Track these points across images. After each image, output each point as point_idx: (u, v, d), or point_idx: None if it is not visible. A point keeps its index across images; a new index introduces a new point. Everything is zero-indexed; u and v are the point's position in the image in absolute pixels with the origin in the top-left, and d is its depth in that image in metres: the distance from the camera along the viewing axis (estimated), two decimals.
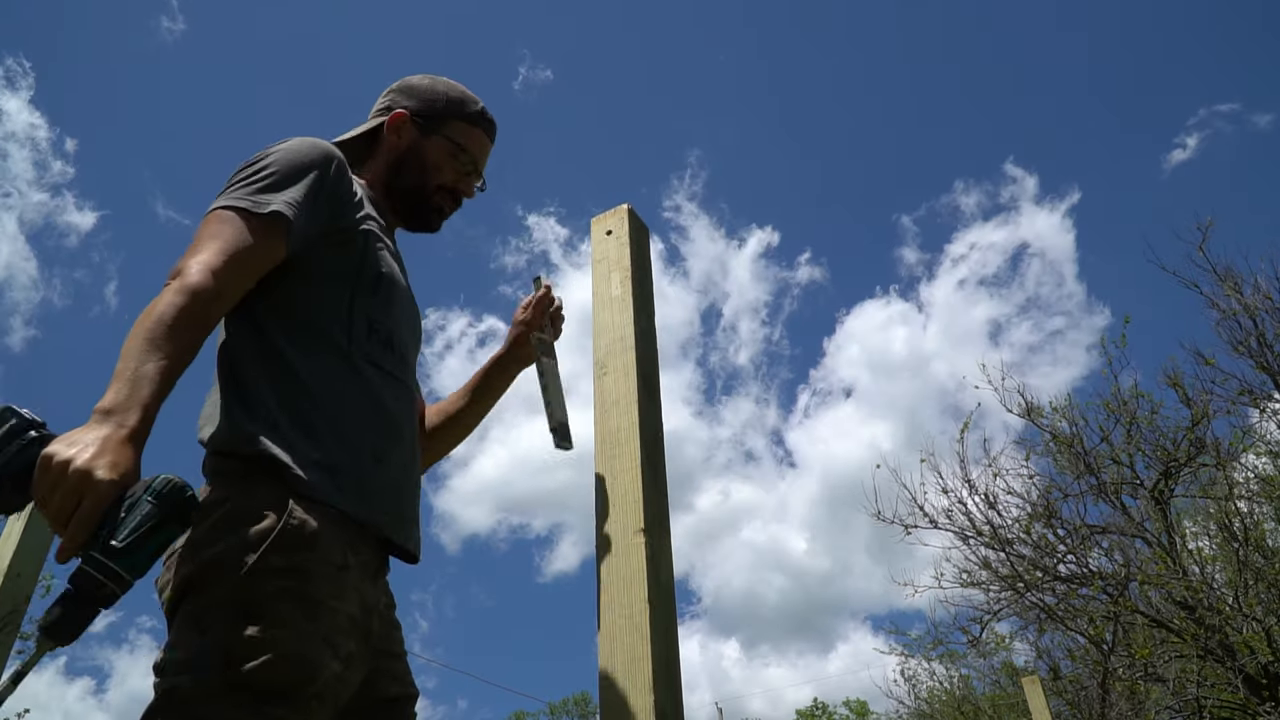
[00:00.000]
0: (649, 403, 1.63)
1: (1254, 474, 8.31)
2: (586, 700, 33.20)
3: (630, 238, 1.80)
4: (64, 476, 0.99)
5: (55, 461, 1.00)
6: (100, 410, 1.05)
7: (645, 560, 1.41)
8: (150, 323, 1.13)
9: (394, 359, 1.40)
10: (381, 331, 1.39)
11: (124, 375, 1.08)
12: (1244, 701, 7.23)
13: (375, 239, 1.43)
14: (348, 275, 1.37)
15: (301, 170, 1.36)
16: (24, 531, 2.52)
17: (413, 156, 1.60)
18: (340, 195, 1.41)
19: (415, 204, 1.60)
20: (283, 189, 1.32)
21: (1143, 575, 7.60)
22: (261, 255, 1.27)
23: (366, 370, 1.33)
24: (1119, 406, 8.44)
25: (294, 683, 1.08)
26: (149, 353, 1.10)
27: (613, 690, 1.33)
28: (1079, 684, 9.24)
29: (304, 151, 1.39)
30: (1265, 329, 7.95)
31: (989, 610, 8.96)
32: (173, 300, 1.15)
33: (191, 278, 1.18)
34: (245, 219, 1.27)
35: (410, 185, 1.59)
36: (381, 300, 1.40)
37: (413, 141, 1.61)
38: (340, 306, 1.35)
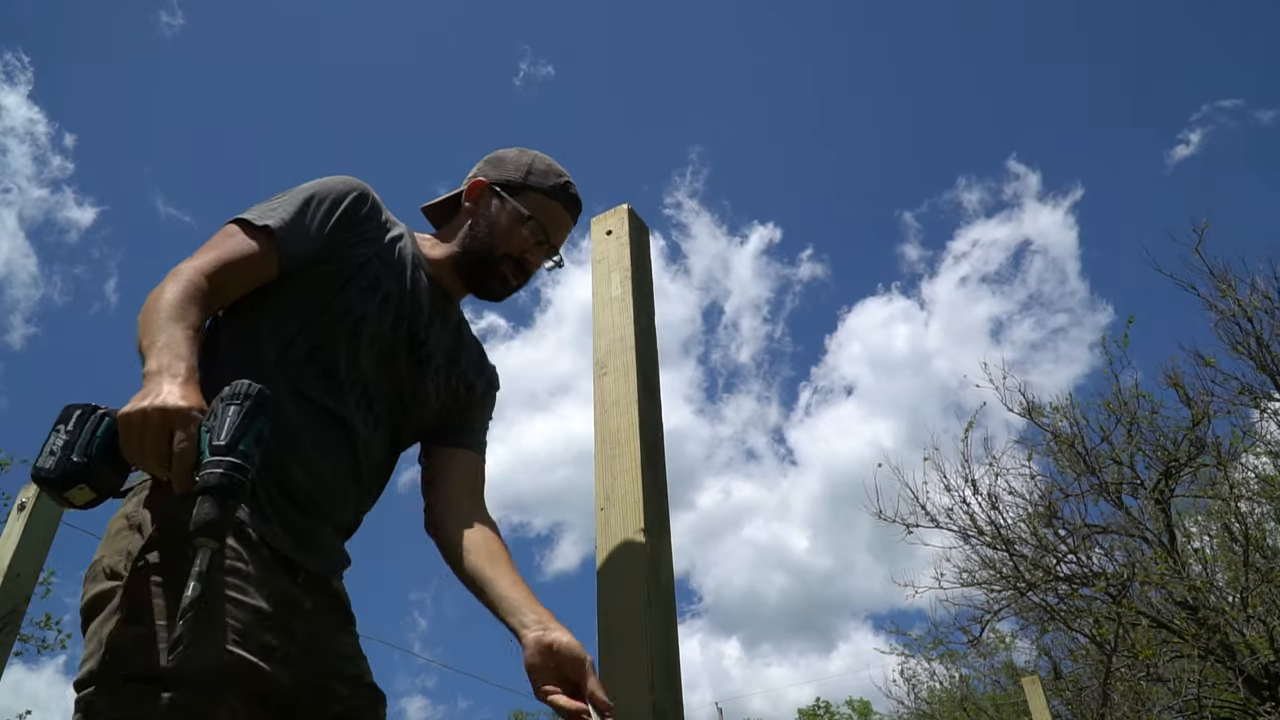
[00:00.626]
0: (649, 403, 1.63)
1: (1254, 474, 8.31)
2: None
3: (630, 238, 1.80)
4: (147, 421, 1.07)
5: (133, 415, 1.07)
6: (149, 373, 1.13)
7: (645, 560, 1.41)
8: (161, 303, 1.22)
9: (331, 391, 1.38)
10: (322, 360, 1.38)
11: (156, 344, 1.16)
12: (1245, 701, 7.23)
13: (380, 284, 1.45)
14: (318, 302, 1.40)
15: (317, 199, 1.44)
16: (24, 532, 2.52)
17: (484, 223, 1.62)
18: (354, 229, 1.46)
19: (480, 270, 1.61)
20: (289, 211, 1.40)
21: (1144, 575, 7.61)
22: (250, 264, 1.35)
23: (280, 393, 1.32)
24: (1120, 406, 8.45)
25: (198, 672, 1.07)
26: (172, 323, 1.19)
27: (613, 690, 1.32)
28: (1079, 684, 9.25)
29: (328, 183, 1.48)
30: (1264, 330, 7.96)
31: (989, 610, 8.97)
32: (174, 286, 1.25)
33: (184, 274, 1.28)
34: (243, 230, 1.37)
35: (478, 251, 1.61)
36: (347, 338, 1.40)
37: (488, 209, 1.64)
38: (290, 326, 1.39)
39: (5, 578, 2.45)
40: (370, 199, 1.51)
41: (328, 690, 1.28)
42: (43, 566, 2.57)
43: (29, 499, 2.56)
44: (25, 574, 2.51)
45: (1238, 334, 8.05)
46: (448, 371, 1.58)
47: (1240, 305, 7.99)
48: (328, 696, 1.28)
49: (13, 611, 2.47)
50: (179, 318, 1.21)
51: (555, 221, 1.64)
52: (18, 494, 2.61)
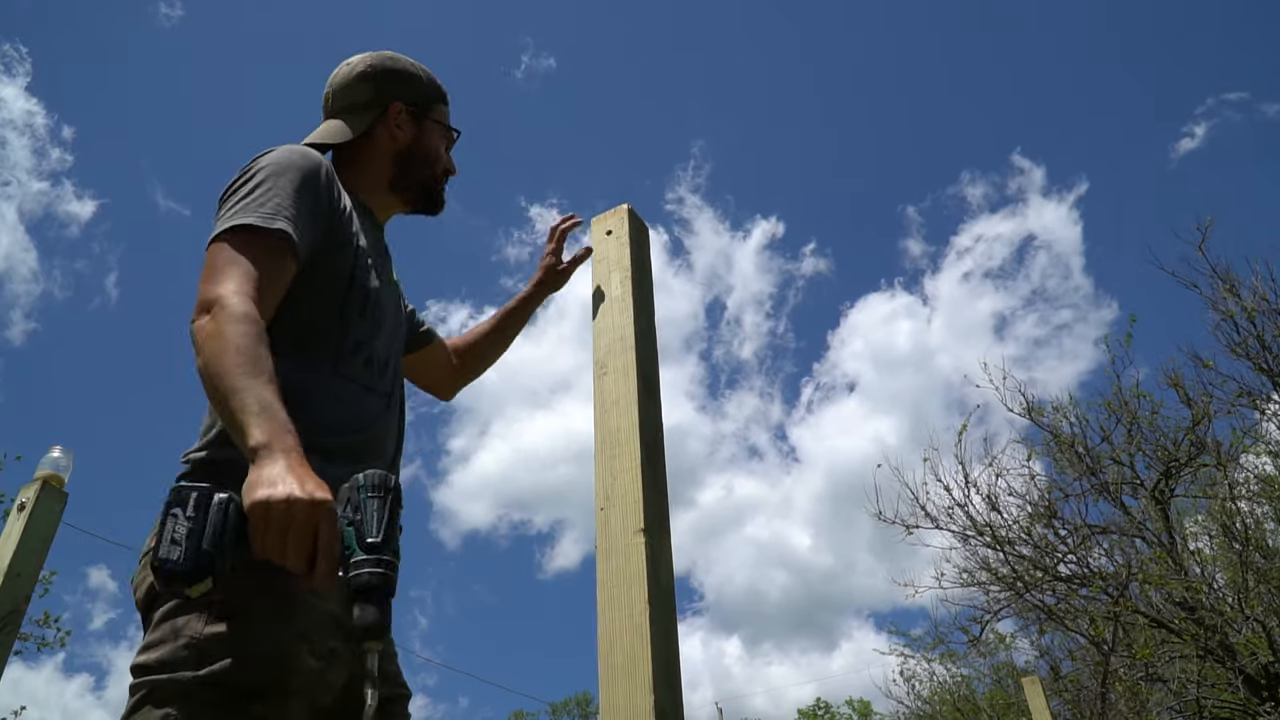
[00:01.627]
0: (649, 403, 1.63)
1: (1254, 474, 8.32)
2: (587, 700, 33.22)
3: (630, 238, 1.81)
4: (289, 516, 1.00)
5: (272, 509, 1.00)
6: (260, 447, 1.05)
7: (645, 560, 1.41)
8: (231, 352, 1.13)
9: (373, 373, 1.41)
10: (364, 351, 1.39)
11: (249, 408, 1.08)
12: (1244, 702, 7.23)
13: (364, 255, 1.44)
14: (337, 296, 1.38)
15: (298, 186, 1.35)
16: (24, 532, 2.52)
17: (417, 150, 1.60)
18: (333, 209, 1.41)
19: (426, 195, 1.63)
20: (287, 203, 1.32)
21: (1143, 575, 7.61)
22: (282, 274, 1.29)
23: (351, 388, 1.35)
24: (1120, 406, 8.45)
25: (268, 680, 1.07)
26: (254, 380, 1.11)
27: (613, 690, 1.33)
28: (1079, 684, 9.25)
29: (296, 164, 1.37)
30: (1264, 331, 7.96)
31: (989, 610, 8.97)
32: (235, 328, 1.15)
33: (238, 306, 1.18)
34: (261, 239, 1.27)
35: (420, 180, 1.61)
36: (368, 322, 1.41)
37: (413, 134, 1.61)
38: (331, 325, 1.37)
39: (5, 578, 2.45)
40: (329, 166, 1.45)
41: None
42: (43, 566, 2.57)
43: (29, 499, 2.56)
44: (25, 574, 2.51)
45: (1236, 335, 8.06)
46: (396, 299, 1.58)
47: (1242, 305, 8.00)
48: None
49: (13, 611, 2.47)
50: (258, 369, 1.12)
51: (444, 116, 1.70)
52: (17, 494, 2.61)
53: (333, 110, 1.63)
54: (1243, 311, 7.98)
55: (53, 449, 2.68)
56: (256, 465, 1.03)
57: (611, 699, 1.32)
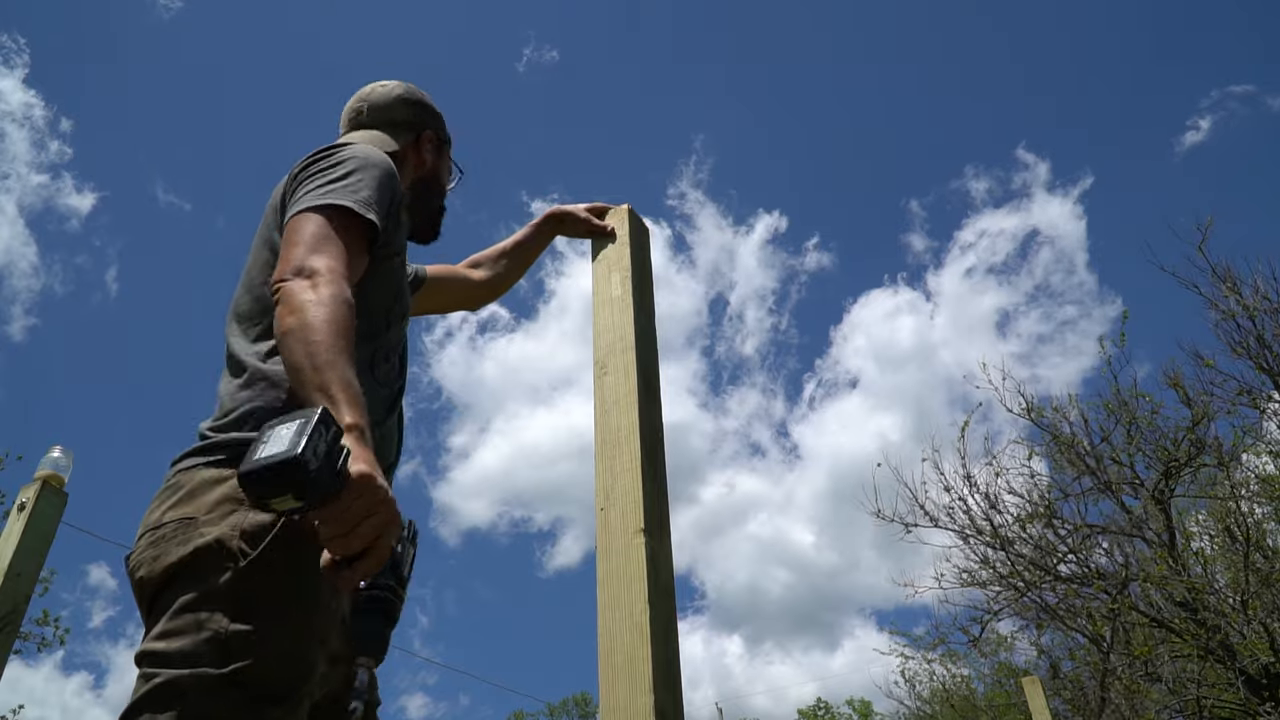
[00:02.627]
0: (649, 403, 1.63)
1: (1255, 474, 8.31)
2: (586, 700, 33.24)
3: (630, 238, 1.81)
4: (378, 504, 0.99)
5: (375, 490, 0.99)
6: (356, 427, 1.05)
7: (645, 561, 1.41)
8: (335, 329, 1.13)
9: (393, 375, 1.44)
10: (393, 357, 1.44)
11: (347, 388, 1.08)
12: (1244, 701, 7.23)
13: (403, 265, 1.49)
14: (388, 300, 1.42)
15: (382, 183, 1.38)
16: (24, 532, 2.52)
17: (434, 179, 1.67)
18: (397, 215, 1.45)
19: (429, 223, 1.68)
20: (374, 200, 1.34)
21: (1143, 575, 7.62)
22: (360, 265, 1.31)
23: (380, 391, 1.39)
24: (1119, 407, 8.45)
25: (289, 682, 1.07)
26: (347, 359, 1.12)
27: (613, 690, 1.33)
28: (1079, 684, 9.26)
29: (381, 163, 1.41)
30: (1264, 330, 7.96)
31: (989, 610, 8.98)
32: (335, 304, 1.15)
33: (333, 282, 1.19)
34: (355, 225, 1.30)
35: (432, 207, 1.67)
36: (399, 332, 1.46)
37: (434, 164, 1.68)
38: (378, 329, 1.40)
39: (5, 578, 2.45)
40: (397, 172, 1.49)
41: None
42: (43, 566, 2.57)
43: (29, 499, 2.56)
44: (25, 574, 2.51)
45: (1237, 334, 8.06)
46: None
47: (1243, 305, 8.00)
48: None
49: (12, 611, 2.47)
50: (349, 354, 1.13)
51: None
52: (18, 494, 2.61)
53: (367, 123, 1.66)
54: (1243, 310, 7.99)
55: (53, 449, 2.69)
56: (355, 443, 1.03)
57: (611, 699, 1.32)
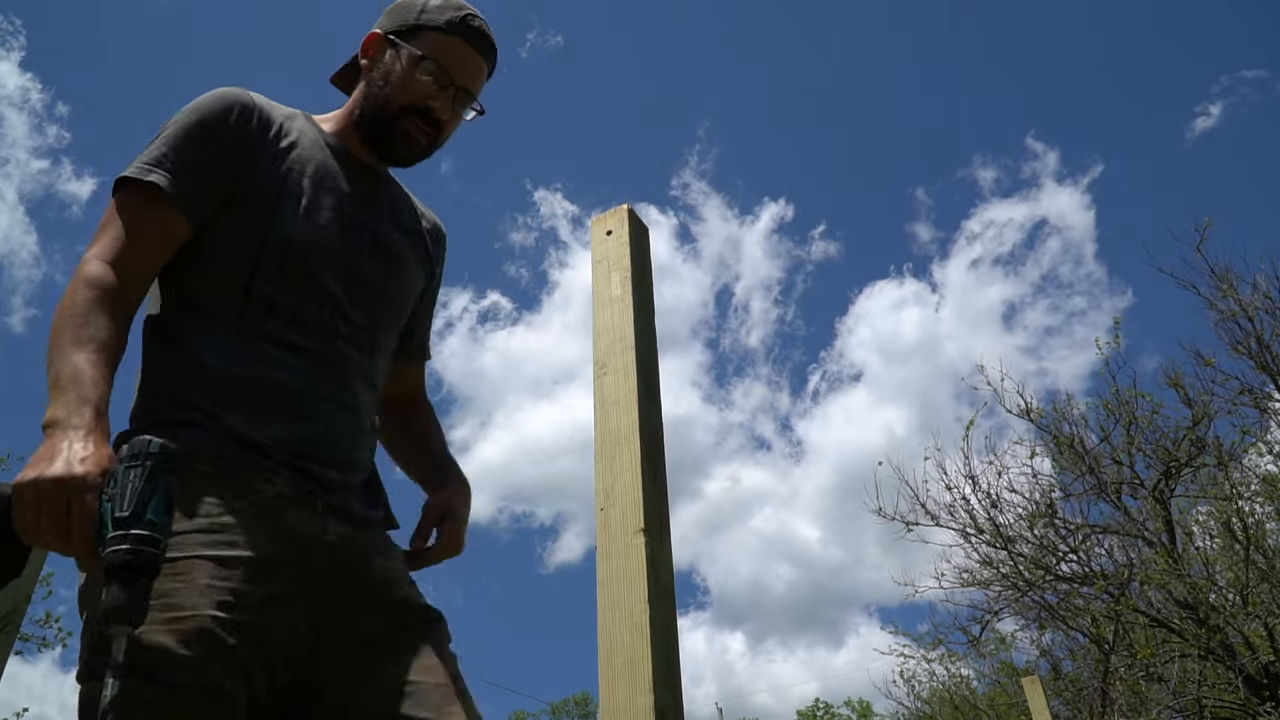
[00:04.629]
0: (649, 403, 1.63)
1: (1256, 474, 8.32)
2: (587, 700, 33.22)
3: (630, 238, 1.81)
4: (40, 494, 0.95)
5: (25, 487, 0.96)
6: (48, 424, 1.01)
7: (645, 561, 1.42)
8: (64, 319, 1.11)
9: (309, 332, 1.27)
10: (284, 312, 1.26)
11: (60, 380, 1.05)
12: (1244, 701, 7.23)
13: (299, 201, 1.31)
14: (249, 250, 1.26)
15: (199, 127, 1.28)
16: None
17: (379, 77, 1.43)
18: (245, 154, 1.30)
19: (381, 130, 1.42)
20: (173, 154, 1.25)
21: (1144, 574, 7.62)
22: (157, 234, 1.23)
23: (261, 348, 1.23)
24: (1118, 406, 8.46)
25: (173, 647, 0.98)
26: (75, 347, 1.08)
27: (613, 690, 1.33)
28: (1079, 684, 9.25)
29: (201, 108, 1.30)
30: (1264, 329, 7.96)
31: (990, 610, 8.98)
32: (78, 293, 1.13)
33: (89, 270, 1.16)
34: (134, 193, 1.24)
35: (375, 109, 1.41)
36: (291, 276, 1.27)
37: (382, 62, 1.44)
38: (233, 285, 1.25)
39: None
40: (255, 107, 1.35)
41: (351, 625, 1.17)
42: (43, 566, 2.57)
43: None
44: (26, 574, 2.51)
45: (1238, 333, 8.06)
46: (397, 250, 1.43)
47: (1241, 305, 8.00)
48: (351, 630, 1.16)
49: (13, 611, 2.47)
50: (83, 338, 1.09)
51: (457, 59, 1.42)
52: None
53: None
54: (1242, 310, 7.99)
55: None
56: (47, 441, 0.99)
57: (611, 699, 1.33)
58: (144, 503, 0.93)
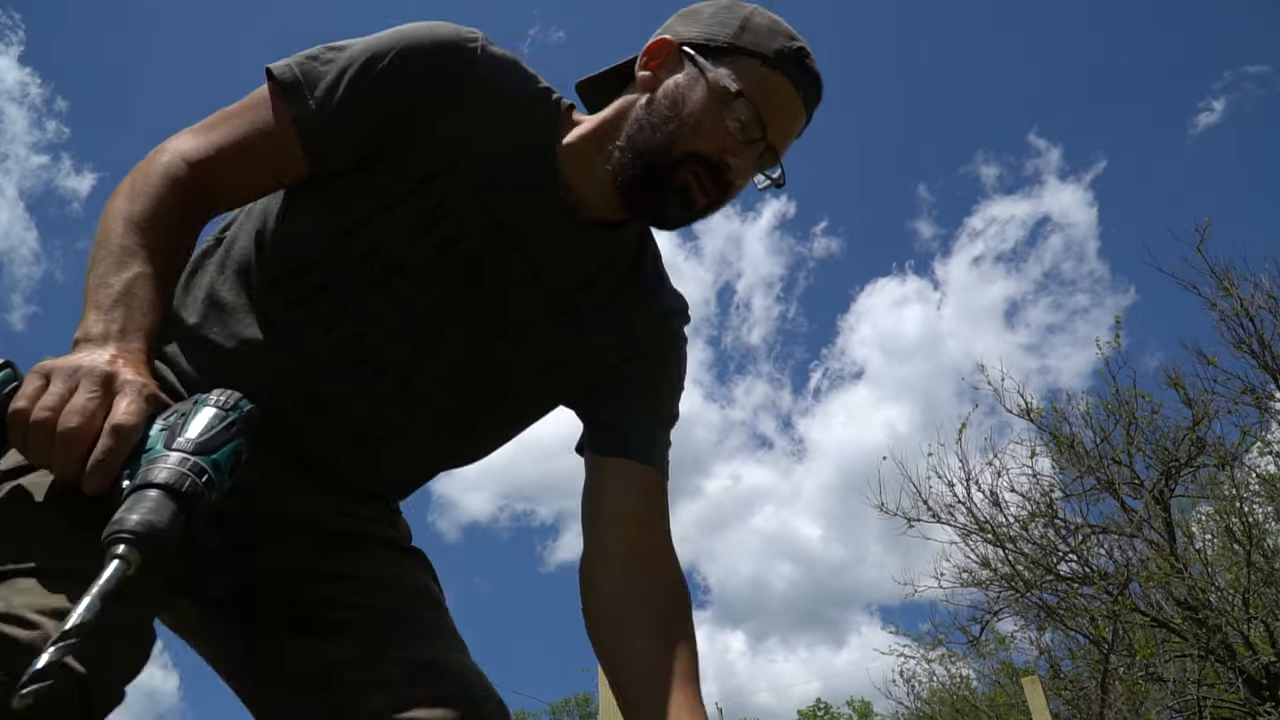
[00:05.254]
0: None
1: (1257, 474, 8.31)
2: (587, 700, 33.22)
3: None
4: (75, 377, 0.74)
5: (57, 369, 0.75)
6: (83, 339, 0.80)
7: None
8: (124, 212, 0.90)
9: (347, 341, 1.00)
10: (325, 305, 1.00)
11: (110, 290, 0.83)
12: (1245, 701, 7.23)
13: (446, 214, 1.00)
14: (336, 227, 0.99)
15: (383, 60, 0.98)
16: None
17: (666, 103, 1.01)
18: (430, 111, 0.99)
19: (647, 174, 1.00)
20: (316, 68, 0.99)
21: (1145, 575, 7.62)
22: (267, 159, 0.98)
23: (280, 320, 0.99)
24: (1118, 406, 8.46)
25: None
26: (134, 256, 0.87)
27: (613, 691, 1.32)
28: (1079, 684, 9.26)
29: (410, 34, 0.99)
30: (1265, 329, 7.96)
31: (990, 610, 8.98)
32: (147, 185, 0.93)
33: (165, 164, 0.95)
34: (274, 99, 0.99)
35: (651, 146, 1.00)
36: (370, 288, 0.99)
37: (675, 83, 1.02)
38: (311, 254, 0.99)
39: None
40: (472, 59, 1.00)
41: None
42: None
43: None
44: None
45: (1241, 331, 8.06)
46: (558, 334, 1.08)
47: (1242, 304, 7.99)
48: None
49: None
50: (145, 245, 0.87)
51: (778, 107, 1.02)
52: None
53: None
54: (1244, 310, 7.98)
55: None
56: (76, 352, 0.78)
57: (611, 699, 1.32)
58: (219, 442, 0.75)
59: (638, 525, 1.10)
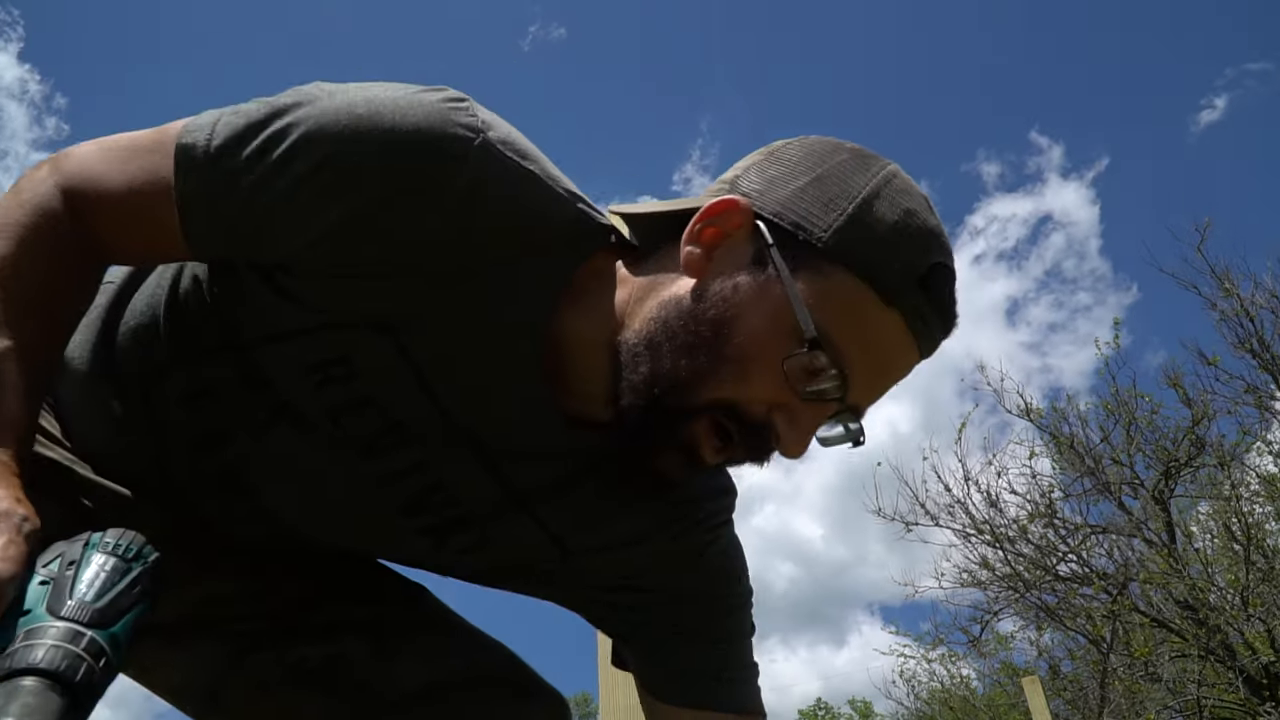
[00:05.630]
0: None
1: (1256, 474, 8.32)
2: (587, 700, 33.18)
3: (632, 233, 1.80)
4: None
5: None
6: None
7: None
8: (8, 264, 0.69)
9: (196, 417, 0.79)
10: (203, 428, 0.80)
11: None
12: (1244, 701, 7.24)
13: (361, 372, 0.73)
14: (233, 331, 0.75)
15: (321, 163, 0.66)
16: None
17: (713, 311, 0.68)
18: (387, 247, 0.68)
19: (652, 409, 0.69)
20: (254, 176, 0.68)
21: (1144, 574, 7.63)
22: (148, 220, 0.72)
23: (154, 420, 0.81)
24: (1118, 407, 8.47)
25: None
26: (22, 322, 0.67)
27: (613, 690, 1.32)
28: (1078, 683, 9.27)
29: (362, 129, 0.66)
30: (1265, 329, 7.97)
31: (990, 610, 8.99)
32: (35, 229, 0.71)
33: (54, 195, 0.73)
34: (171, 169, 0.71)
35: (670, 372, 0.68)
36: (251, 428, 0.78)
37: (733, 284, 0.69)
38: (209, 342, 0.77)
39: None
40: (459, 172, 0.66)
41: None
42: None
43: None
44: None
45: (1241, 331, 8.07)
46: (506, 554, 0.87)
47: (1242, 304, 8.01)
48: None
49: None
50: (10, 301, 0.65)
51: (877, 355, 0.70)
52: None
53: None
54: (1244, 310, 7.99)
55: None
56: None
57: (611, 699, 1.32)
58: (120, 606, 0.58)
59: None
